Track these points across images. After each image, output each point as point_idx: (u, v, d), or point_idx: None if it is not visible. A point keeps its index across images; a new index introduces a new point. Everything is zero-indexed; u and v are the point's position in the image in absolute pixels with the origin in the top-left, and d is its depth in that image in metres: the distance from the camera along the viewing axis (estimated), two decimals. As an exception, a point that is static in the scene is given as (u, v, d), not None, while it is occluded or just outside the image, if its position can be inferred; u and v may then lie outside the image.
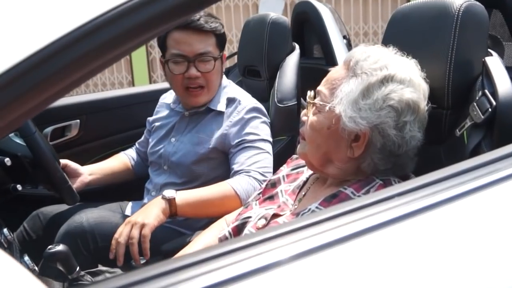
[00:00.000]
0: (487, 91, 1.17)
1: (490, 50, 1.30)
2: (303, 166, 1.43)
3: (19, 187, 1.80)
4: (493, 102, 1.14)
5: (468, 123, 1.21)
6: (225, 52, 2.00)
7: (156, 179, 2.00)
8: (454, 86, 1.26)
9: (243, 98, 1.97)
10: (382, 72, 1.15)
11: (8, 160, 1.70)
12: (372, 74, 1.16)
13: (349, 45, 2.93)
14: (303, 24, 3.02)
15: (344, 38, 2.86)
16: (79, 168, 1.98)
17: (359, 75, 1.17)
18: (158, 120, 2.11)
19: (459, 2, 1.26)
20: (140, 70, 7.28)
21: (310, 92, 1.26)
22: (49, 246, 1.38)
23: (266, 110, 2.03)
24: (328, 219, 0.74)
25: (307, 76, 2.29)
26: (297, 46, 2.31)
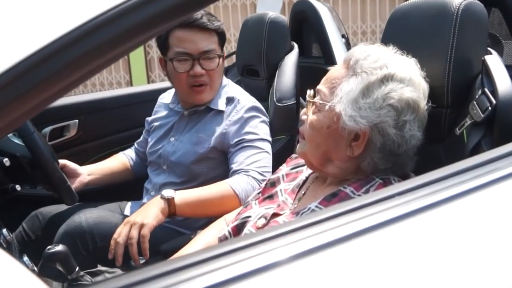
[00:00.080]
0: (487, 90, 1.17)
1: (489, 49, 1.30)
2: (302, 165, 1.43)
3: (18, 187, 1.80)
4: (493, 101, 1.14)
5: (468, 122, 1.20)
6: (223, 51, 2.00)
7: (155, 179, 2.00)
8: (454, 85, 1.26)
9: (243, 97, 1.97)
10: (382, 71, 1.15)
11: (7, 160, 1.70)
12: (372, 73, 1.15)
13: (347, 44, 2.92)
14: (302, 23, 3.02)
15: (342, 37, 2.86)
16: (78, 168, 1.98)
17: (359, 74, 1.17)
18: (157, 120, 2.11)
19: (458, 1, 1.26)
20: (138, 70, 7.27)
21: (310, 91, 1.26)
22: (48, 247, 1.38)
23: (265, 109, 2.02)
24: (329, 219, 0.74)
25: (306, 75, 2.29)
26: (295, 45, 2.31)
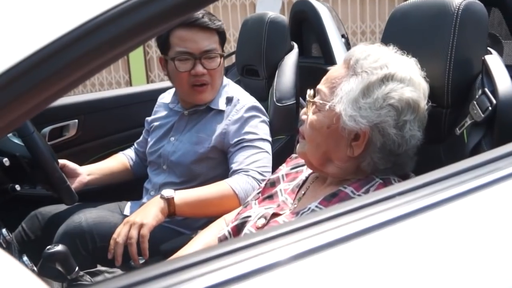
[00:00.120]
0: (487, 90, 1.17)
1: (489, 49, 1.30)
2: (302, 165, 1.43)
3: (17, 187, 1.79)
4: (493, 101, 1.13)
5: (468, 122, 1.20)
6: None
7: (155, 179, 2.00)
8: (454, 85, 1.26)
9: (243, 97, 1.97)
10: (382, 71, 1.15)
11: (6, 160, 1.70)
12: (372, 73, 1.15)
13: (347, 44, 2.92)
14: (302, 23, 3.01)
15: (342, 37, 2.85)
16: (77, 168, 1.98)
17: (359, 74, 1.17)
18: (157, 120, 2.11)
19: (458, 1, 1.25)
20: (137, 69, 7.26)
21: (310, 91, 1.25)
22: (48, 246, 1.38)
23: (264, 109, 2.02)
24: (329, 219, 0.74)
25: (306, 75, 2.29)
26: (295, 45, 2.31)
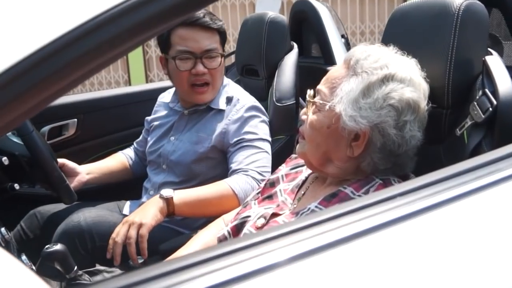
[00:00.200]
0: (487, 90, 1.17)
1: (490, 49, 1.30)
2: (302, 166, 1.42)
3: (16, 186, 1.79)
4: (493, 101, 1.13)
5: (469, 123, 1.20)
6: (222, 51, 2.00)
7: (154, 178, 1.99)
8: (454, 85, 1.26)
9: (243, 97, 1.97)
10: (383, 71, 1.15)
11: (5, 159, 1.70)
12: (372, 73, 1.15)
13: (347, 44, 2.92)
14: (301, 23, 3.01)
15: (342, 37, 2.85)
16: (76, 167, 1.98)
17: (359, 74, 1.16)
18: (157, 119, 2.11)
19: (459, 1, 1.25)
20: (136, 69, 7.26)
21: (310, 91, 1.25)
22: (46, 246, 1.38)
23: (264, 109, 2.02)
24: (330, 219, 0.74)
25: (305, 75, 2.29)
26: (295, 45, 2.30)
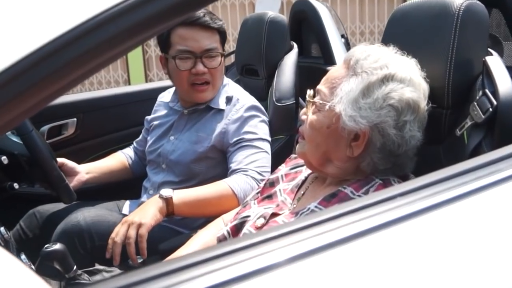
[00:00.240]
0: (487, 91, 1.17)
1: (490, 50, 1.30)
2: (301, 166, 1.42)
3: (15, 185, 1.80)
4: (493, 102, 1.13)
5: (469, 123, 1.20)
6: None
7: (154, 178, 1.99)
8: (454, 86, 1.26)
9: (242, 97, 1.97)
10: (383, 71, 1.15)
11: (5, 159, 1.70)
12: (372, 73, 1.15)
13: (347, 44, 2.92)
14: (301, 23, 3.01)
15: (342, 37, 2.85)
16: (76, 166, 1.98)
17: (359, 74, 1.16)
18: (157, 119, 2.11)
19: (459, 1, 1.25)
20: (136, 68, 7.26)
21: (310, 91, 1.25)
22: (46, 245, 1.38)
23: (264, 109, 2.02)
24: (330, 219, 0.74)
25: (305, 75, 2.29)
26: (295, 45, 2.30)
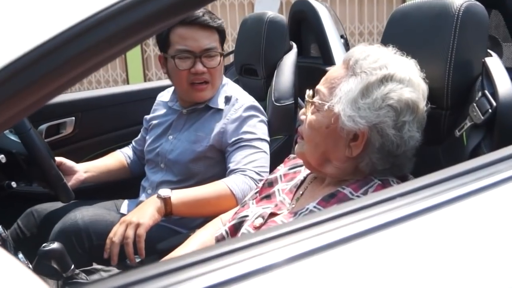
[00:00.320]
0: (487, 92, 1.17)
1: (489, 51, 1.30)
2: (300, 166, 1.42)
3: (13, 184, 1.79)
4: (493, 103, 1.13)
5: (468, 124, 1.20)
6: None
7: (152, 177, 1.99)
8: (454, 87, 1.25)
9: (241, 96, 1.97)
10: (382, 72, 1.15)
11: (3, 157, 1.70)
12: (371, 73, 1.15)
13: (346, 44, 2.92)
14: (301, 23, 3.01)
15: (341, 37, 2.85)
16: (74, 165, 1.97)
17: (358, 74, 1.16)
18: (156, 118, 2.10)
19: (459, 2, 1.25)
20: (134, 68, 7.26)
21: (309, 91, 1.25)
22: (43, 244, 1.37)
23: (263, 109, 2.02)
24: (329, 220, 0.73)
25: (304, 75, 2.29)
26: (294, 45, 2.30)
